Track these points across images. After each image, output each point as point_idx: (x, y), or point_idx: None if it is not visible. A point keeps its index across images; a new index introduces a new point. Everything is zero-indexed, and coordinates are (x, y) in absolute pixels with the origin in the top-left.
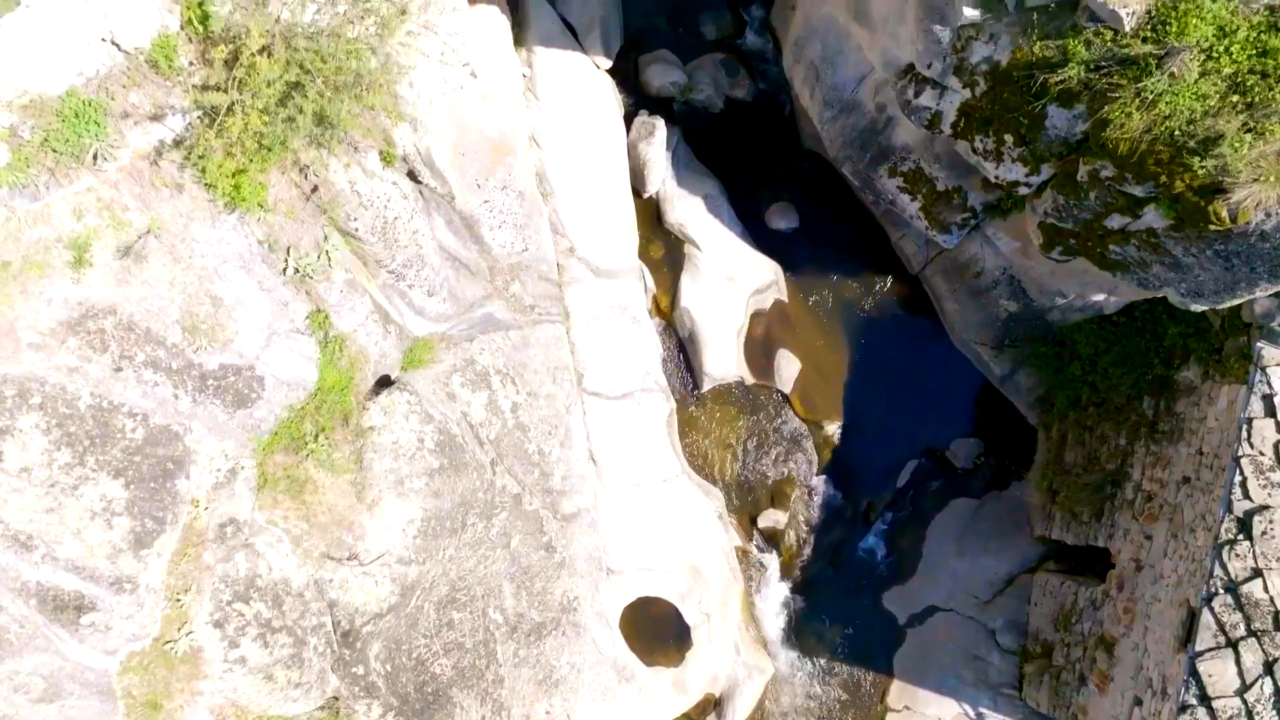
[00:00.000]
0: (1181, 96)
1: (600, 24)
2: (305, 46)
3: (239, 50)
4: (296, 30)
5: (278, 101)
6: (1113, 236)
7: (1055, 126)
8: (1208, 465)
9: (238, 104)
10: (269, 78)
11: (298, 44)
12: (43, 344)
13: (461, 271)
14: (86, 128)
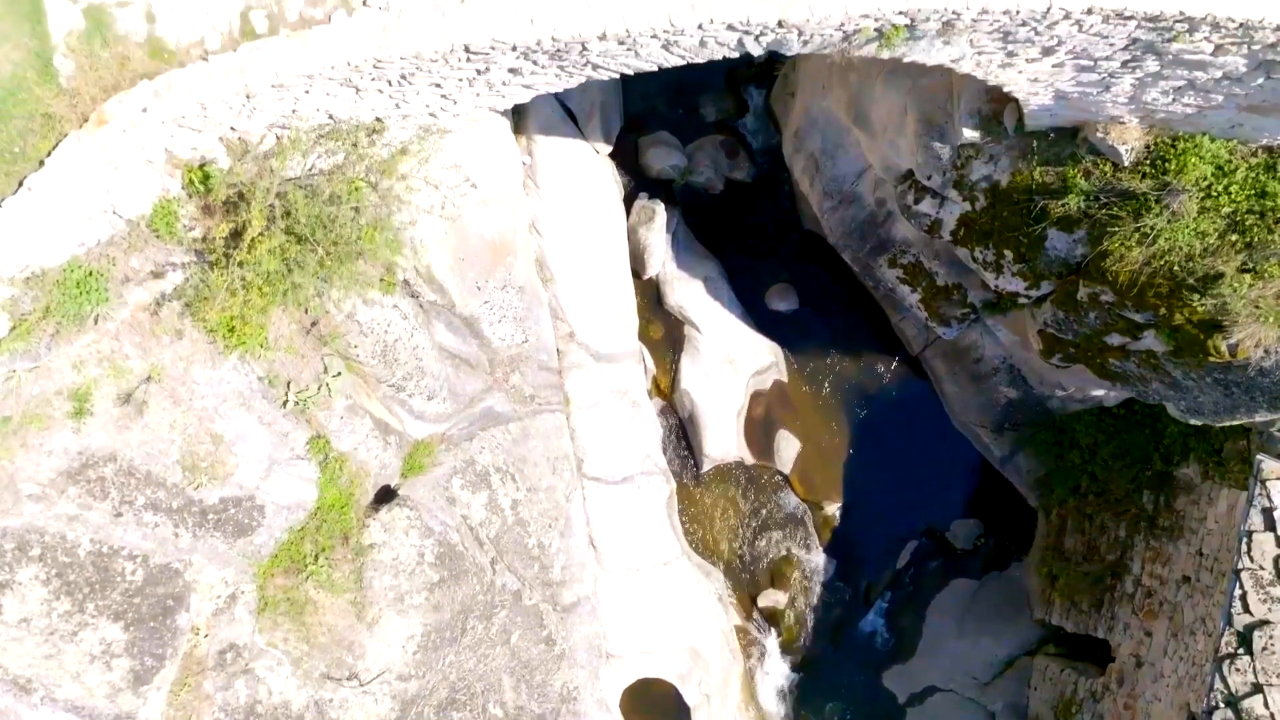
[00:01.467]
0: (1180, 233)
1: (600, 110)
2: (305, 216)
3: (241, 228)
4: (296, 203)
5: (279, 274)
6: (1112, 351)
7: (1055, 248)
8: (1207, 568)
9: (240, 281)
10: (269, 268)
11: (298, 214)
12: (43, 495)
13: (461, 367)
14: (88, 298)
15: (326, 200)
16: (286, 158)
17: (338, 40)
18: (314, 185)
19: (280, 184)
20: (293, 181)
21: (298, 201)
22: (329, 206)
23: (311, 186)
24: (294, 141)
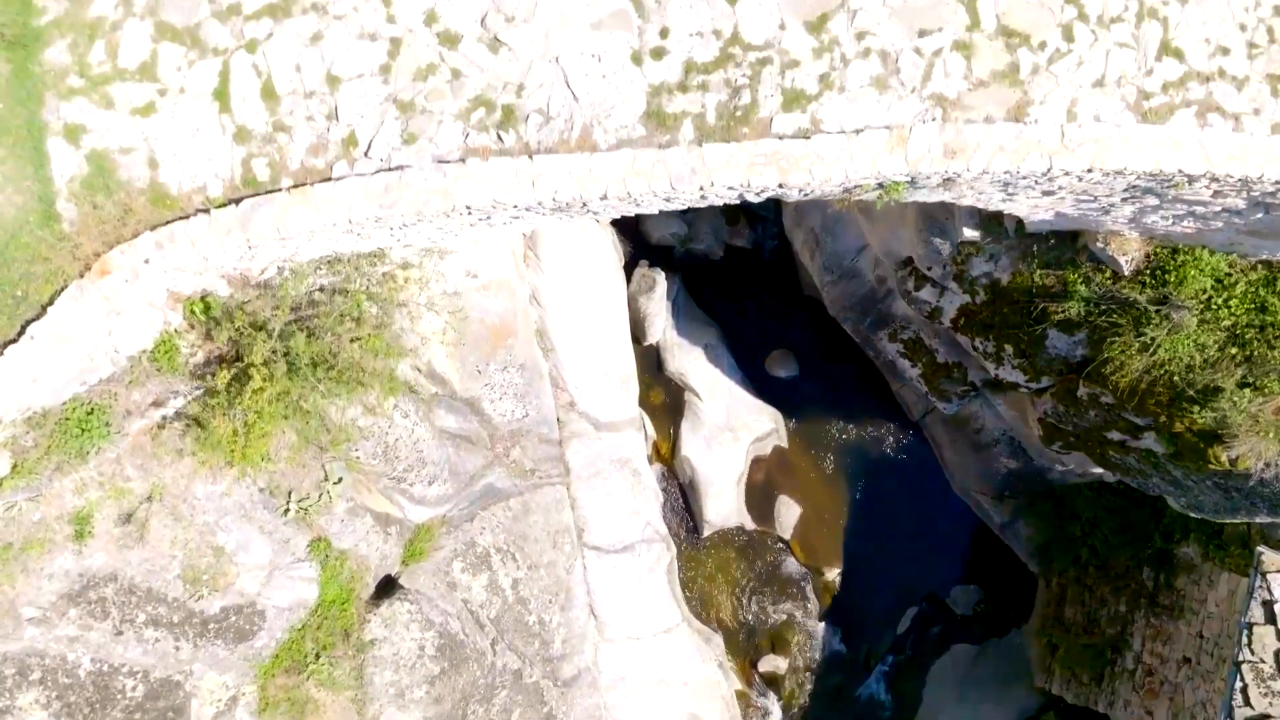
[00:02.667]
0: (1180, 345)
1: None
2: (307, 357)
3: (243, 369)
4: (298, 347)
5: (280, 407)
6: (1112, 445)
7: (1056, 347)
8: (1208, 652)
9: (241, 422)
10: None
11: (299, 356)
12: (44, 618)
13: (462, 445)
14: (90, 436)
15: (328, 327)
16: (287, 305)
17: (340, 199)
18: (314, 314)
19: (283, 324)
20: (294, 314)
21: (299, 346)
22: (332, 333)
23: (311, 323)
24: (295, 273)
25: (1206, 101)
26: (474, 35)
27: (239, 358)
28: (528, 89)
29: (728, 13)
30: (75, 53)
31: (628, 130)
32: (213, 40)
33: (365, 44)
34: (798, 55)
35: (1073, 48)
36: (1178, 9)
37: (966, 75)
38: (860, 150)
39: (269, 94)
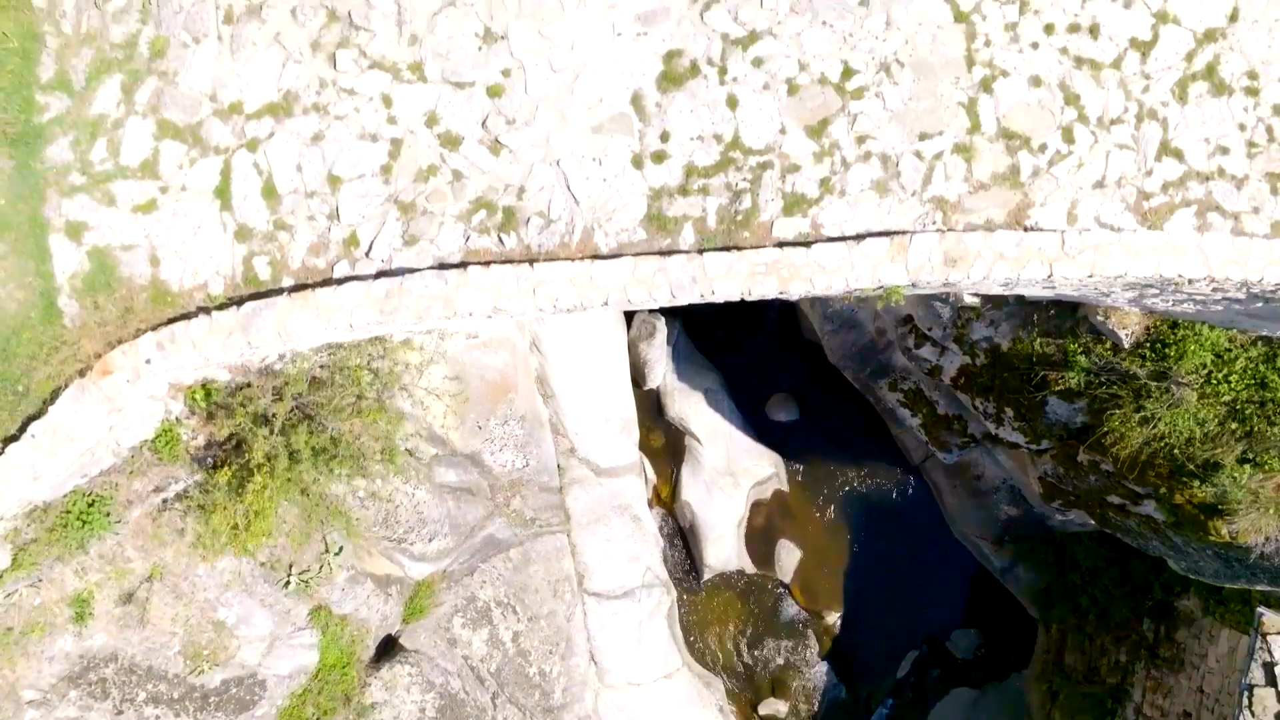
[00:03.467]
0: (1180, 419)
1: None
2: (308, 451)
3: (246, 466)
4: (300, 443)
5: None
6: (1112, 508)
7: (1056, 413)
8: (1209, 708)
9: (243, 516)
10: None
11: (301, 450)
12: (44, 700)
13: (463, 497)
14: (91, 528)
15: (330, 412)
16: (289, 399)
17: (341, 304)
18: (315, 399)
19: (284, 419)
20: (294, 400)
21: (300, 440)
22: (333, 419)
23: (312, 410)
24: (297, 359)
25: (1206, 201)
26: (475, 137)
27: (239, 445)
28: (529, 191)
29: (728, 117)
30: (77, 150)
31: (628, 233)
32: (214, 138)
33: (366, 144)
34: (798, 159)
35: (1073, 149)
36: (1177, 109)
37: (967, 178)
38: (861, 259)
39: (270, 193)
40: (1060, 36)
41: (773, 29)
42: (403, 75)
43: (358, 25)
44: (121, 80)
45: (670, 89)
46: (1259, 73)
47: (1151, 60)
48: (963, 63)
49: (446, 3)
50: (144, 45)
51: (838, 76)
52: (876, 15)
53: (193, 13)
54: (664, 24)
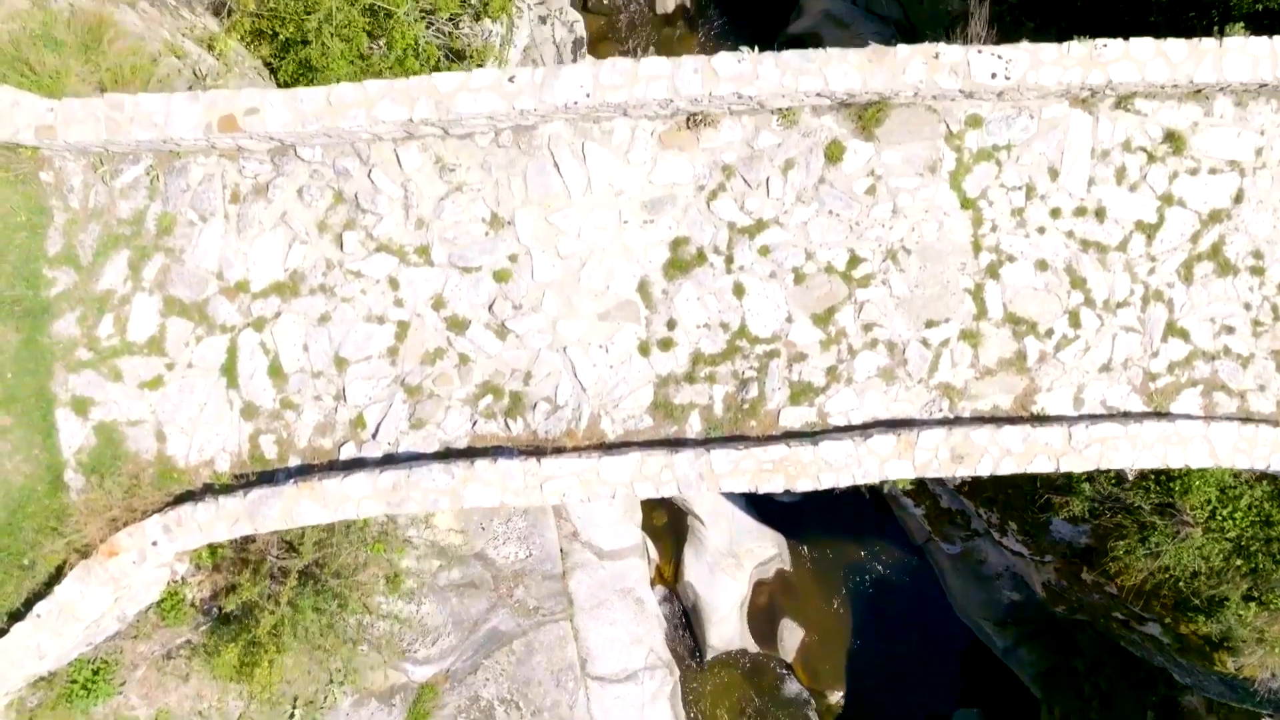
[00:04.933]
0: (1185, 553)
1: None
2: (312, 614)
3: (253, 642)
4: (304, 611)
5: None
6: (1116, 621)
7: (1060, 532)
8: None
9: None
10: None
11: (306, 618)
12: None
13: (466, 592)
14: (96, 695)
15: (334, 571)
16: (295, 575)
17: (348, 495)
18: (321, 557)
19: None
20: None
21: (306, 611)
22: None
23: (317, 573)
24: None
25: (1212, 380)
26: (481, 321)
27: (247, 611)
28: (535, 377)
29: (735, 305)
30: (84, 325)
31: (635, 420)
32: (220, 317)
33: (373, 326)
34: (805, 348)
35: (1079, 333)
36: (1183, 290)
37: (973, 364)
38: (868, 456)
39: (276, 372)
40: (1067, 220)
41: (779, 218)
42: (409, 258)
43: (364, 208)
44: (129, 256)
45: (677, 276)
46: (1264, 252)
47: (1157, 242)
48: (969, 248)
49: (453, 188)
50: (151, 222)
51: (844, 265)
52: (883, 204)
53: (200, 191)
54: (671, 212)
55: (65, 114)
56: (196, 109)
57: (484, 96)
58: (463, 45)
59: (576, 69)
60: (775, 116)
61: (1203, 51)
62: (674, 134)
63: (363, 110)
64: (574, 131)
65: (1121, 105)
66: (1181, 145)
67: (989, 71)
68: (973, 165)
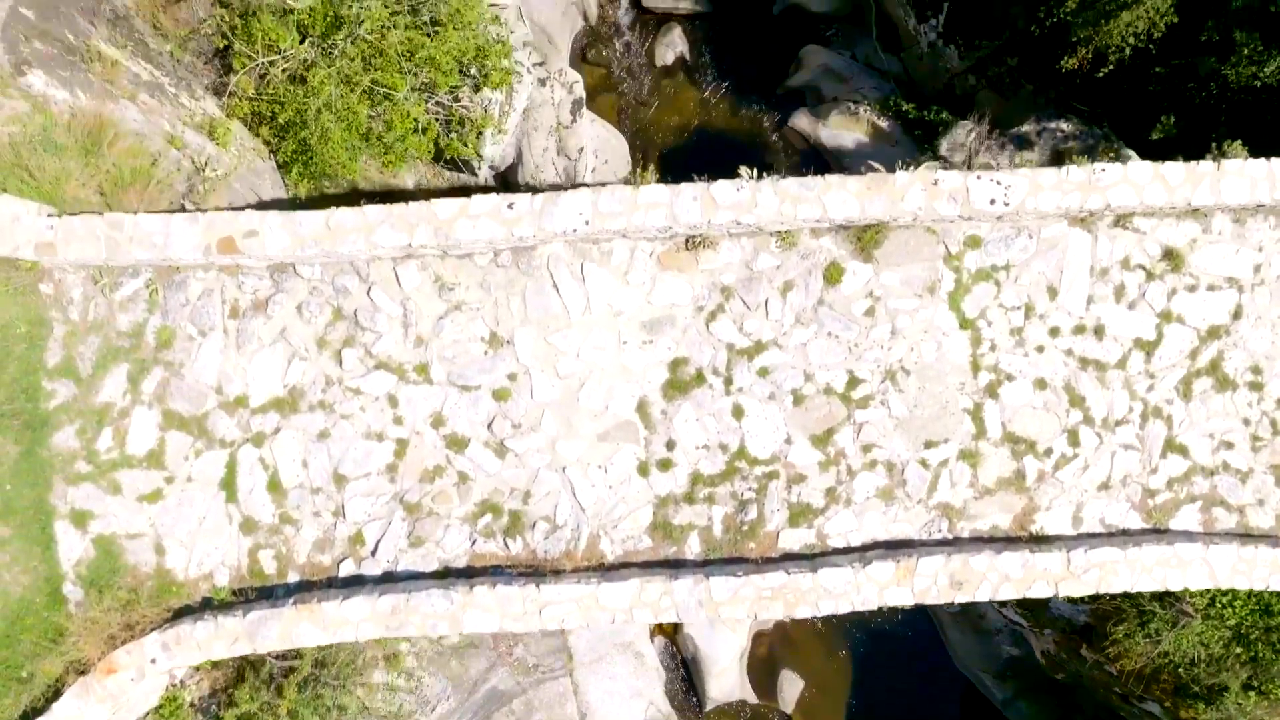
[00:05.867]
0: (1185, 640)
1: None
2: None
3: None
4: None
5: None
6: (1116, 695)
7: (1059, 608)
8: None
9: None
10: None
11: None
12: None
13: (465, 653)
14: None
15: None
16: (292, 692)
17: (347, 618)
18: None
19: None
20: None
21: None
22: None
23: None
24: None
25: (1211, 495)
26: (481, 440)
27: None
28: (535, 496)
29: (734, 427)
30: (83, 438)
31: (634, 541)
32: (220, 431)
33: (372, 443)
34: (804, 469)
35: (1078, 452)
36: (1181, 407)
37: (972, 483)
38: (867, 583)
39: (275, 487)
40: (1065, 339)
41: (778, 340)
42: (409, 376)
43: (363, 325)
44: (128, 369)
45: (676, 397)
46: (1263, 368)
47: (1156, 359)
48: (968, 368)
49: (452, 307)
50: (151, 335)
51: (843, 386)
52: (882, 325)
53: (199, 306)
54: (670, 333)
55: (65, 231)
56: (195, 230)
57: (483, 224)
58: (462, 115)
59: (575, 196)
60: (774, 238)
61: (1200, 175)
62: (673, 255)
63: (362, 235)
64: (573, 252)
65: (1120, 224)
66: (1180, 263)
67: (988, 198)
68: (972, 285)
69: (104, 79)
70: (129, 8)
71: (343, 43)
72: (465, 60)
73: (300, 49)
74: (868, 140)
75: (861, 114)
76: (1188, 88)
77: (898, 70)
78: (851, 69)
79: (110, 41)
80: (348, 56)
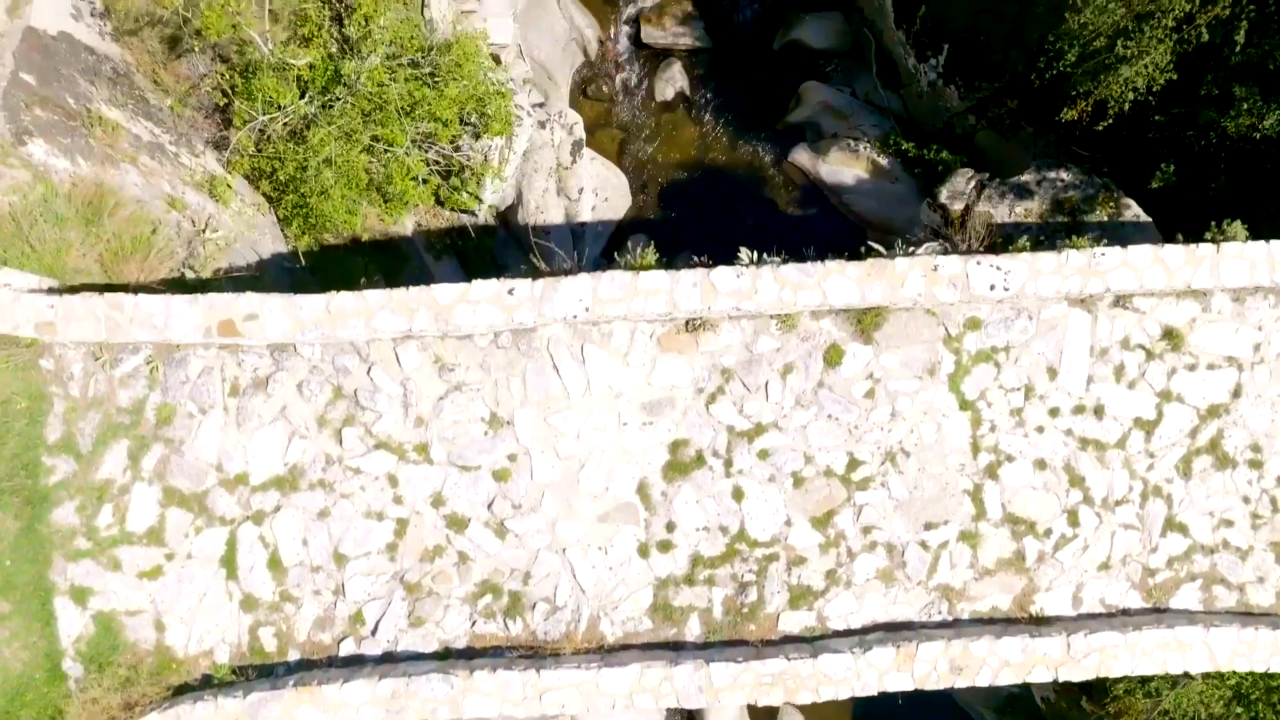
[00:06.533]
0: (1185, 699)
1: None
2: None
3: None
4: None
5: None
6: None
7: None
8: None
9: None
10: None
11: None
12: None
13: None
14: None
15: None
16: None
17: (347, 702)
18: None
19: None
20: None
21: None
22: None
23: None
24: None
25: (1211, 574)
26: (481, 520)
27: None
28: (535, 577)
29: (734, 509)
30: (83, 514)
31: (634, 622)
32: (220, 508)
33: (372, 523)
34: (804, 551)
35: (1078, 532)
36: (1181, 485)
37: (972, 564)
38: (867, 669)
39: (276, 565)
40: (1065, 419)
41: (778, 422)
42: (409, 456)
43: (363, 405)
44: (128, 446)
45: (676, 479)
46: (1262, 445)
47: (1156, 438)
48: (968, 449)
49: (452, 387)
50: (151, 412)
51: (843, 468)
52: (882, 407)
53: (199, 384)
54: (670, 415)
55: (65, 311)
56: (196, 311)
57: (482, 309)
58: (462, 163)
59: (576, 283)
60: (774, 320)
61: (1200, 257)
62: (673, 337)
63: (362, 320)
64: (573, 334)
65: (1120, 303)
66: (1180, 342)
67: (988, 284)
68: (971, 367)
69: (105, 144)
70: (129, 64)
71: (343, 98)
72: (466, 110)
73: (300, 105)
74: (868, 177)
75: (861, 151)
76: (1187, 135)
77: (898, 107)
78: (851, 106)
79: (111, 101)
80: (348, 115)
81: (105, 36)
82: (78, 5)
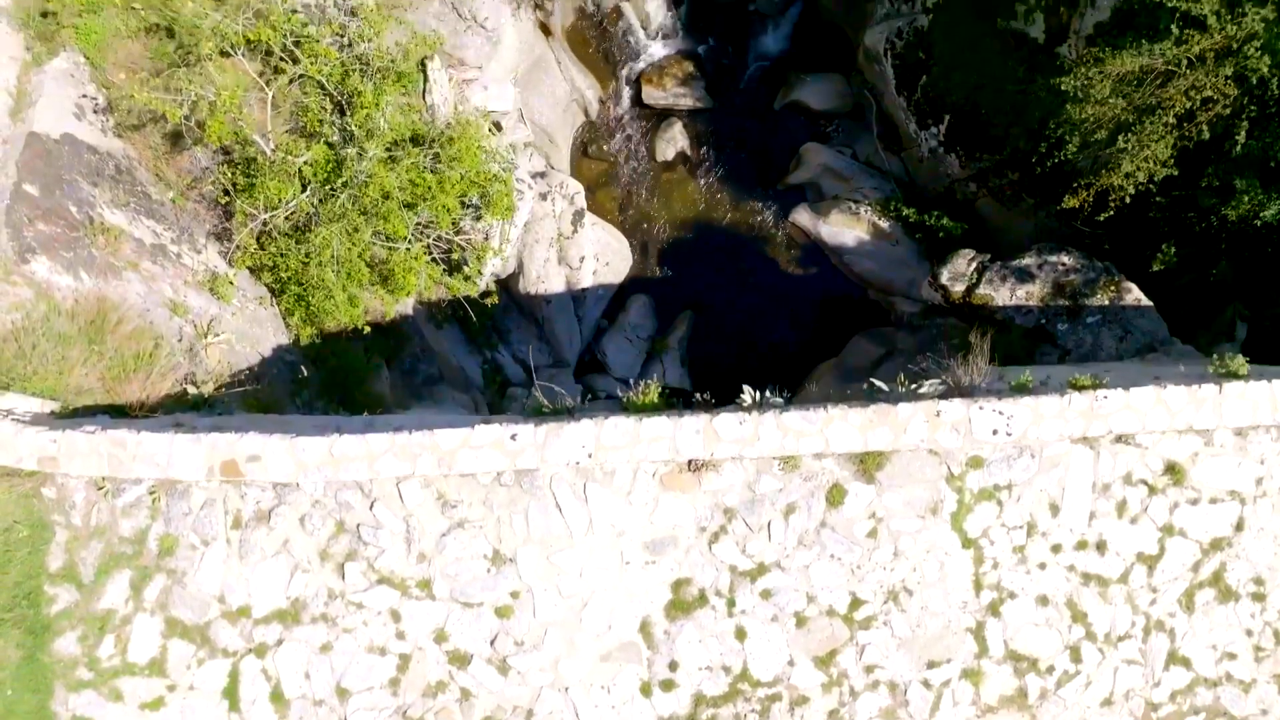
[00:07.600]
0: None
1: None
2: None
3: None
4: None
5: None
6: None
7: None
8: None
9: None
10: None
11: None
12: None
13: None
14: None
15: None
16: None
17: None
18: None
19: None
20: None
21: None
22: None
23: None
24: None
25: (1214, 707)
26: (484, 656)
27: None
28: (538, 715)
29: (737, 649)
30: (85, 644)
31: None
32: (222, 641)
33: (375, 657)
34: (807, 691)
35: (1081, 668)
36: (1184, 619)
37: (975, 702)
38: None
39: (278, 698)
40: (1068, 554)
41: (780, 562)
42: (411, 591)
43: (366, 540)
44: (130, 576)
45: (679, 618)
46: (1265, 578)
47: (1158, 572)
48: (971, 587)
49: (455, 524)
50: (153, 542)
51: (845, 607)
52: (884, 546)
53: (201, 516)
54: (672, 553)
55: (68, 446)
56: (199, 451)
57: (485, 454)
58: (462, 247)
59: (578, 429)
60: (777, 461)
61: (1202, 399)
62: (675, 476)
63: (364, 464)
64: (576, 473)
65: (1122, 440)
66: (1182, 476)
67: (990, 428)
68: (974, 505)
69: (107, 252)
70: (132, 159)
71: (343, 193)
72: (467, 196)
73: (303, 201)
74: (868, 238)
75: (862, 213)
76: (1188, 217)
77: (898, 170)
78: (852, 169)
79: (113, 203)
80: (349, 214)
81: (108, 133)
82: (80, 104)
